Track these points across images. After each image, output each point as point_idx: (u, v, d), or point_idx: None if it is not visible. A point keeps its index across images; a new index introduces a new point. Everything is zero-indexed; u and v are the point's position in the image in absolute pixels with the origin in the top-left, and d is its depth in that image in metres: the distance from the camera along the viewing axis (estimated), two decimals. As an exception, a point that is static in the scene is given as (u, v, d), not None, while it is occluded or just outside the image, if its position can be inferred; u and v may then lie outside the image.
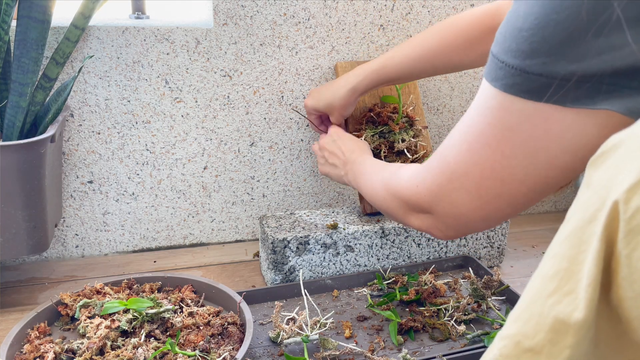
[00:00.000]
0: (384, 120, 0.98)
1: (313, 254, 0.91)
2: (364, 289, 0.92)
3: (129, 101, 0.98)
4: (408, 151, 0.97)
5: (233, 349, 0.70)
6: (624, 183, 0.29)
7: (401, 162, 0.95)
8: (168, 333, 0.74)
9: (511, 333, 0.35)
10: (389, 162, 0.96)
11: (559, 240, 0.34)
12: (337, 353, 0.74)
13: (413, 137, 0.99)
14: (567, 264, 0.32)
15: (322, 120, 1.01)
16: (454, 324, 0.81)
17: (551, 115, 0.44)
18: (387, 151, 0.96)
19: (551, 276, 0.33)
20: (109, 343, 0.70)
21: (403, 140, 0.97)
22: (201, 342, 0.70)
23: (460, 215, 0.55)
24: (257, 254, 1.06)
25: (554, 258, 0.33)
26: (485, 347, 0.76)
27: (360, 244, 0.93)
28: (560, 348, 0.32)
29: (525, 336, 0.34)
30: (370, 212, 0.97)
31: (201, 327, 0.74)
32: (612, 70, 0.40)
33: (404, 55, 0.86)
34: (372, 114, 0.99)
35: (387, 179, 0.68)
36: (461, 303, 0.84)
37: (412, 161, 0.96)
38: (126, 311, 0.74)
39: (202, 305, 0.81)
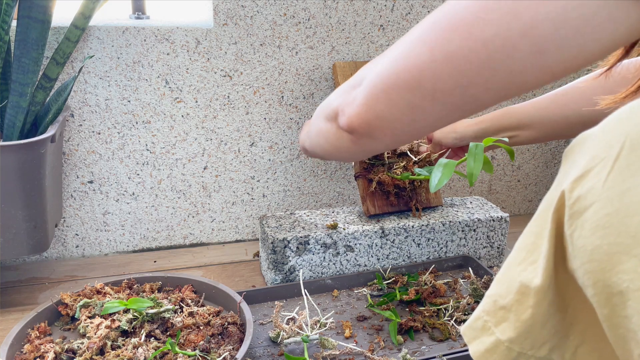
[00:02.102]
0: None
1: (313, 254, 0.91)
2: (364, 289, 0.92)
3: (129, 101, 0.98)
4: (411, 152, 0.97)
5: (233, 348, 0.70)
6: (572, 175, 0.34)
7: (404, 164, 0.96)
8: (168, 333, 0.74)
9: (492, 293, 0.41)
10: (392, 163, 0.96)
11: (532, 219, 0.39)
12: (337, 353, 0.74)
13: None
14: (534, 238, 0.37)
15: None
16: (454, 324, 0.81)
17: None
18: (391, 153, 0.96)
19: (522, 248, 0.38)
20: (109, 343, 0.70)
21: None
22: (201, 342, 0.70)
23: (386, 75, 0.46)
24: (257, 254, 1.06)
25: (525, 234, 0.39)
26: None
27: (360, 243, 0.93)
28: (525, 307, 0.37)
29: (500, 296, 0.39)
30: (373, 213, 0.97)
31: (201, 327, 0.74)
32: None
33: (530, 102, 0.83)
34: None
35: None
36: (461, 303, 0.84)
37: (415, 162, 0.96)
38: (126, 311, 0.74)
39: (202, 305, 0.81)
